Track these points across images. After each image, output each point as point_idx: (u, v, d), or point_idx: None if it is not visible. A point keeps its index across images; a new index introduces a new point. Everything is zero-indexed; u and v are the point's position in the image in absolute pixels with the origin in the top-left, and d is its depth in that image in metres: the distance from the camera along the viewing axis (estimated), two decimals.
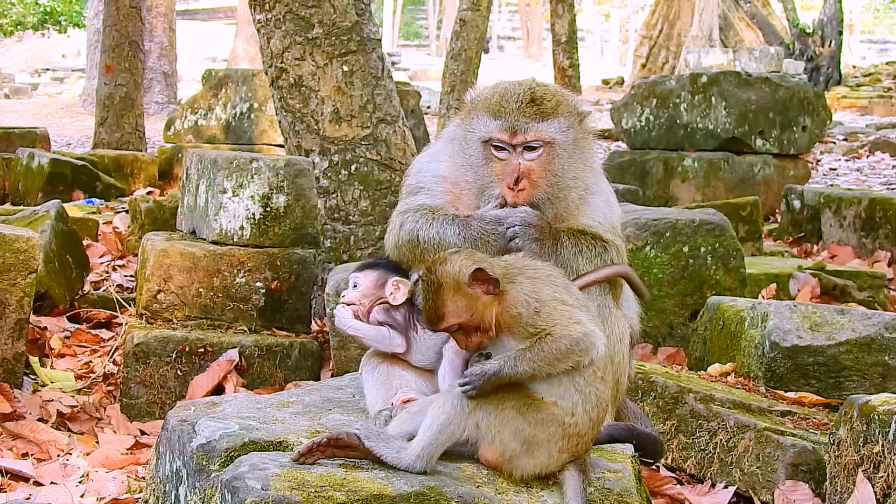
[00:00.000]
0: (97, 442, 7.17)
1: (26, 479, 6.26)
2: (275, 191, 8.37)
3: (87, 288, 10.28)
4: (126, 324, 8.61)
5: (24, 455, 6.71)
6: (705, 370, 6.83)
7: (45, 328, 8.90)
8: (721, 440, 5.91)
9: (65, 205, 11.16)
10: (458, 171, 4.66)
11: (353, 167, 9.47)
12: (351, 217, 9.49)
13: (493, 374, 3.80)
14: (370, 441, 3.85)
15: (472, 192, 4.59)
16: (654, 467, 5.61)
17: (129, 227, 13.07)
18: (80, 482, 6.23)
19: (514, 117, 4.46)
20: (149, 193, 16.53)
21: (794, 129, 17.23)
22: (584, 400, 3.86)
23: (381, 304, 4.52)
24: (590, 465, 3.98)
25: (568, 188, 4.56)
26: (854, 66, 49.62)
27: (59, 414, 7.50)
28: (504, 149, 4.49)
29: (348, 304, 4.57)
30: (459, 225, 4.45)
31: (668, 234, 8.38)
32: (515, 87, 4.59)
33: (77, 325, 9.30)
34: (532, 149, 4.48)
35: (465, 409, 3.80)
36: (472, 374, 3.81)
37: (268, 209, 8.36)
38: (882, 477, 4.71)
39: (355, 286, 4.60)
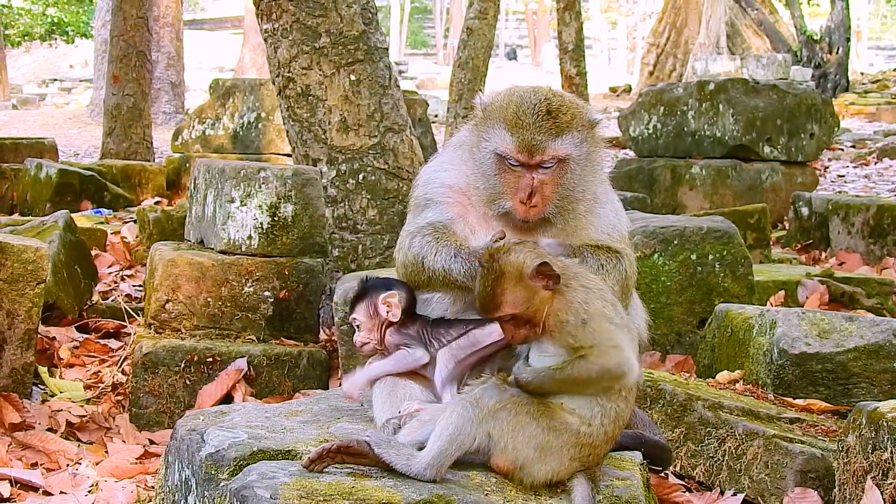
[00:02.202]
0: (106, 451, 7.18)
1: (35, 489, 6.27)
2: (282, 200, 8.38)
3: (95, 298, 10.29)
4: (135, 333, 8.62)
5: (34, 465, 6.72)
6: (714, 378, 6.83)
7: (54, 338, 8.92)
8: (730, 447, 5.90)
9: (73, 215, 11.18)
10: (467, 179, 4.65)
11: (360, 176, 9.49)
12: (359, 226, 9.51)
13: (522, 385, 3.86)
14: (380, 448, 3.85)
15: (481, 201, 4.59)
16: (662, 475, 5.61)
17: (137, 236, 13.08)
18: (89, 492, 6.24)
19: (530, 134, 4.43)
20: (157, 203, 16.55)
21: (802, 136, 17.21)
22: (604, 414, 3.86)
23: (386, 327, 4.52)
24: (600, 476, 3.98)
25: (577, 200, 4.56)
26: (862, 73, 49.54)
27: (68, 424, 7.51)
28: (519, 165, 4.48)
29: (363, 344, 4.56)
30: (465, 262, 4.44)
31: (676, 242, 8.38)
32: (531, 97, 4.54)
33: (86, 335, 9.31)
34: (547, 166, 4.48)
35: (475, 418, 3.81)
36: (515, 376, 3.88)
37: (276, 218, 8.37)
38: (891, 484, 4.71)
39: (357, 326, 4.59)
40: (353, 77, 9.52)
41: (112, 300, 10.44)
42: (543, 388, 3.85)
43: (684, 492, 5.68)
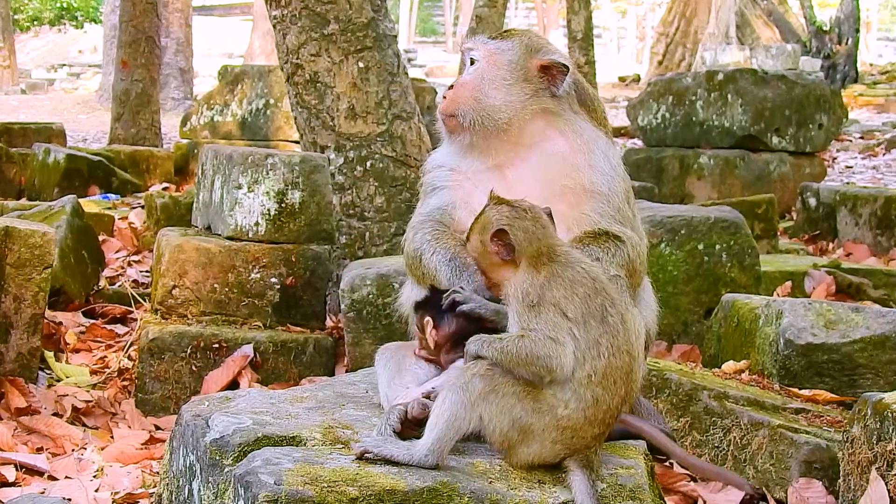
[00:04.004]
0: (112, 437, 7.19)
1: (41, 474, 6.28)
2: (290, 187, 8.38)
3: (102, 283, 10.30)
4: (141, 319, 8.63)
5: (39, 449, 6.73)
6: (719, 367, 6.83)
7: (61, 323, 8.92)
8: (735, 437, 5.91)
9: (80, 200, 11.18)
10: (466, 158, 4.69)
11: (368, 163, 9.49)
12: (366, 213, 9.50)
13: (471, 354, 3.94)
14: (378, 449, 3.88)
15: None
16: (667, 464, 5.62)
17: (144, 222, 13.08)
18: (94, 477, 6.25)
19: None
20: (164, 189, 16.54)
21: (811, 126, 17.18)
22: (579, 398, 3.85)
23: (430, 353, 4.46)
24: (597, 462, 3.96)
25: (497, 109, 4.65)
26: (871, 64, 49.47)
27: (74, 409, 7.52)
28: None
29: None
30: (454, 271, 4.46)
31: (683, 232, 8.38)
32: None
33: (92, 321, 9.32)
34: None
35: (467, 402, 3.82)
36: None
37: (283, 205, 8.37)
38: (895, 475, 4.71)
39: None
40: (361, 64, 9.51)
41: (119, 285, 10.45)
42: (494, 359, 3.87)
43: (689, 481, 5.68)
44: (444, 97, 4.69)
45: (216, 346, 8.04)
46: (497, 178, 4.64)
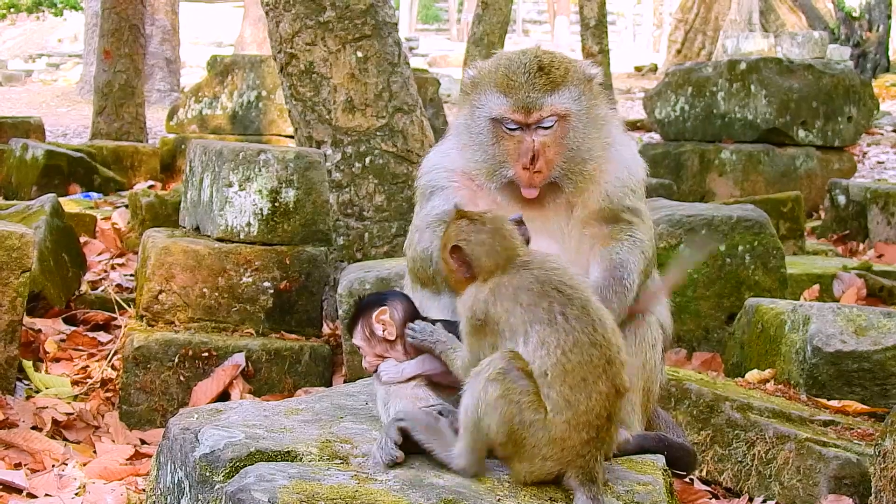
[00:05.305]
0: (94, 452, 7.20)
1: (19, 491, 6.29)
2: (284, 185, 8.39)
3: (84, 288, 10.32)
4: (125, 326, 8.63)
5: (17, 465, 6.73)
6: (743, 377, 6.84)
7: (40, 330, 8.94)
8: (759, 452, 5.91)
9: (61, 199, 11.19)
10: (468, 156, 4.67)
11: (367, 159, 9.50)
12: (365, 213, 9.51)
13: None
14: (417, 433, 4.03)
15: (483, 176, 4.60)
16: (687, 480, 5.62)
17: (128, 223, 13.10)
18: (76, 494, 6.26)
19: (524, 92, 4.45)
20: (150, 187, 16.58)
21: (839, 119, 17.18)
22: (553, 405, 3.86)
23: (389, 345, 4.50)
24: (601, 475, 3.95)
25: (585, 161, 4.55)
26: None
27: (55, 422, 7.53)
28: (517, 128, 4.48)
29: (373, 367, 4.55)
30: None
31: (703, 232, 8.38)
32: (521, 57, 4.58)
33: (73, 328, 9.33)
34: (546, 126, 4.48)
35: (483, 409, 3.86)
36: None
37: (276, 204, 8.38)
38: None
39: (363, 354, 4.57)
40: (359, 54, 9.52)
41: (101, 290, 10.46)
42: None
43: (710, 498, 5.69)
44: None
45: (205, 354, 8.05)
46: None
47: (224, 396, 7.83)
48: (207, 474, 4.06)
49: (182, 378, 8.03)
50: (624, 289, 4.46)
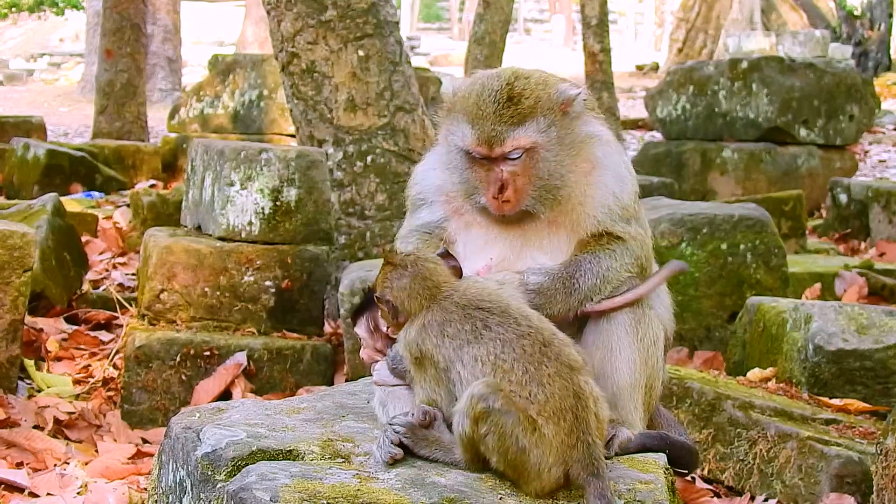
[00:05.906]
0: (96, 451, 7.20)
1: (21, 490, 6.29)
2: (285, 184, 8.39)
3: (85, 287, 10.31)
4: (127, 325, 8.63)
5: (19, 464, 6.74)
6: (744, 375, 6.83)
7: (42, 330, 8.93)
8: (761, 450, 5.91)
9: (62, 199, 11.20)
10: (445, 177, 4.66)
11: (368, 158, 9.50)
12: (367, 211, 9.51)
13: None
14: (419, 449, 4.05)
15: (459, 196, 4.59)
16: (688, 479, 5.62)
17: (130, 222, 13.10)
18: (78, 493, 6.26)
19: (489, 125, 4.39)
20: (151, 187, 16.57)
21: (841, 118, 17.18)
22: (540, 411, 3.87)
23: (390, 342, 4.52)
24: (604, 471, 3.94)
25: (558, 187, 4.52)
26: None
27: (56, 421, 7.53)
28: (484, 157, 4.47)
29: (372, 360, 4.58)
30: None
31: (705, 231, 8.38)
32: (493, 83, 4.49)
33: (75, 327, 9.33)
34: (513, 157, 4.46)
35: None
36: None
37: (278, 203, 8.38)
38: None
39: (364, 345, 4.60)
40: (361, 53, 9.52)
41: (103, 289, 10.46)
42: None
43: (712, 497, 5.69)
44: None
45: (207, 353, 8.05)
46: None
47: (226, 395, 7.84)
48: (209, 473, 4.06)
49: (184, 377, 8.03)
50: (573, 286, 4.46)
